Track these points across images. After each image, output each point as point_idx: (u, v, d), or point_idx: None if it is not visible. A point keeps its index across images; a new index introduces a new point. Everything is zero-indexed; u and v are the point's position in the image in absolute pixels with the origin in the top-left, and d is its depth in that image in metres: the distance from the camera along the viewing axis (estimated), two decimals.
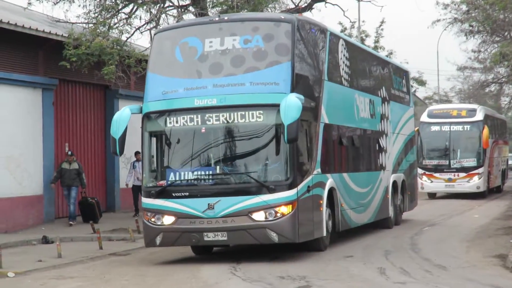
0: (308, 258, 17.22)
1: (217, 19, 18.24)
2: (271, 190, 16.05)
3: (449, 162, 38.29)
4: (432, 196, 40.27)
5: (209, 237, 16.26)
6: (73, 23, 28.15)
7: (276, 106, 15.88)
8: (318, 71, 18.53)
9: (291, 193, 16.19)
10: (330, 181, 18.64)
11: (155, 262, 17.38)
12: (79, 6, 28.82)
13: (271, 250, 17.47)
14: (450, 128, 38.33)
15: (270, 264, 16.25)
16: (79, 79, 27.07)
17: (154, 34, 18.85)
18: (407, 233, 23.35)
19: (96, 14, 27.53)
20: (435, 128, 38.82)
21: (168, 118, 16.90)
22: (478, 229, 24.62)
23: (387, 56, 47.40)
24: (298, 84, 16.76)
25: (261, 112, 16.29)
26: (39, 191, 25.34)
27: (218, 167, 16.72)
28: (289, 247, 17.29)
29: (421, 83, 52.29)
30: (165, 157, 17.28)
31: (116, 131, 16.71)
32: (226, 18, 18.53)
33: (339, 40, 20.40)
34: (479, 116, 38.72)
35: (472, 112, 39.14)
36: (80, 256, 18.38)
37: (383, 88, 24.45)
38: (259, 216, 16.10)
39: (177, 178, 16.74)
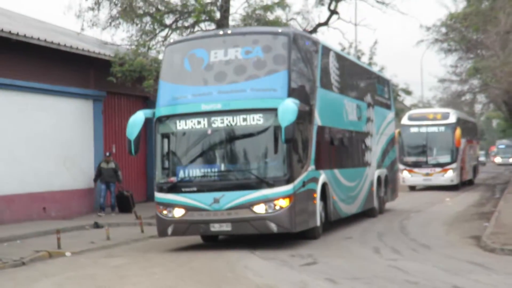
0: (314, 240, 17.18)
1: (221, 32, 17.84)
2: (270, 185, 15.58)
3: (427, 159, 37.92)
4: (413, 188, 39.76)
5: (215, 227, 15.78)
6: (118, 45, 28.24)
7: (274, 110, 15.40)
8: (312, 79, 17.93)
9: (288, 188, 15.66)
10: (322, 177, 18.02)
11: (185, 244, 17.30)
12: (123, 31, 28.86)
13: (281, 238, 17.01)
14: (427, 129, 38.02)
15: (282, 246, 16.17)
16: (123, 91, 27.09)
17: (166, 47, 18.27)
18: (396, 219, 23.31)
19: (138, 38, 27.55)
20: (414, 129, 38.46)
21: (177, 121, 16.31)
22: (456, 215, 24.55)
23: (379, 71, 47.40)
24: (294, 90, 16.22)
25: (261, 115, 15.78)
26: (90, 185, 25.40)
27: (222, 165, 16.22)
28: (287, 236, 16.68)
29: (408, 92, 52.04)
30: (175, 156, 16.63)
31: (131, 133, 16.27)
32: (229, 32, 18.17)
33: (329, 51, 19.80)
34: (452, 119, 38.38)
35: (446, 115, 38.88)
36: (125, 239, 18.39)
37: (368, 94, 23.88)
38: (259, 208, 15.57)
39: (186, 175, 16.21)
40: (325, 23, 32.25)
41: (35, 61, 23.81)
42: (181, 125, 16.24)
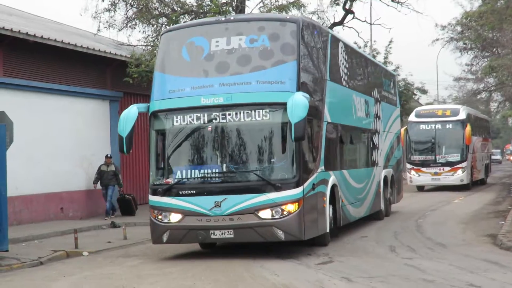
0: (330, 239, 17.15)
1: (223, 19, 15.88)
2: (277, 188, 13.87)
3: (435, 157, 35.93)
4: (421, 188, 37.88)
5: (216, 234, 14.10)
6: (134, 46, 28.35)
7: (283, 104, 13.80)
8: (321, 71, 16.26)
9: (297, 191, 13.99)
10: (332, 178, 16.41)
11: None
12: (139, 32, 29.06)
13: (287, 245, 15.31)
14: (435, 126, 36.10)
15: (298, 245, 16.01)
16: (139, 92, 27.11)
17: (161, 34, 16.21)
18: (413, 217, 23.23)
19: (153, 38, 27.64)
20: (422, 126, 36.52)
21: (174, 117, 14.63)
22: (472, 213, 24.46)
23: (394, 70, 47.35)
24: (303, 83, 14.61)
25: (267, 110, 14.09)
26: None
27: (224, 165, 14.38)
28: (293, 243, 15.31)
29: (423, 92, 51.95)
30: (172, 155, 14.93)
31: (123, 129, 14.56)
32: (232, 18, 16.40)
33: (339, 42, 18.17)
34: (462, 115, 36.54)
35: (456, 111, 37.05)
36: (142, 238, 18.40)
37: (376, 89, 22.31)
38: (265, 214, 13.91)
39: (184, 176, 14.47)
40: (340, 23, 32.28)
41: (52, 62, 23.94)
42: (179, 120, 14.63)
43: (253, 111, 14.17)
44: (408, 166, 36.45)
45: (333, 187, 16.48)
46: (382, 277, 12.28)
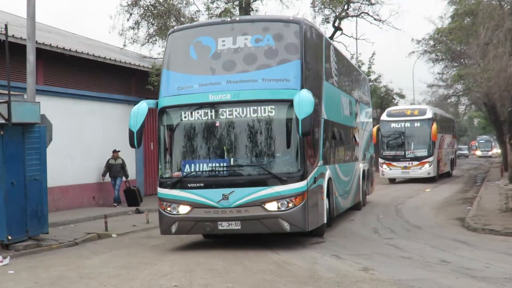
0: None
1: (229, 19, 14.39)
2: (283, 182, 12.61)
3: (405, 153, 34.68)
4: (392, 181, 36.23)
5: (223, 226, 12.87)
6: (155, 58, 28.33)
7: (288, 101, 12.65)
8: (319, 71, 15.19)
9: (302, 185, 12.75)
10: (328, 172, 15.39)
11: None
12: (159, 46, 29.08)
13: (281, 236, 14.12)
14: (405, 124, 34.79)
15: (297, 235, 15.51)
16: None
17: (169, 34, 14.58)
18: (393, 204, 23.23)
19: None
20: (392, 125, 35.12)
21: (183, 112, 13.30)
22: (443, 200, 24.45)
23: (376, 78, 47.34)
24: (306, 81, 13.23)
25: (273, 107, 12.85)
26: (132, 177, 25.45)
27: (232, 159, 13.08)
28: (294, 233, 13.92)
29: (402, 96, 51.89)
30: (181, 150, 13.49)
31: (134, 124, 13.30)
32: (237, 19, 14.68)
33: (330, 45, 17.04)
34: (429, 114, 35.24)
35: (423, 111, 35.77)
36: None
37: (356, 90, 21.28)
38: (271, 206, 12.67)
39: (193, 170, 13.13)
40: (330, 38, 32.21)
41: (84, 72, 24.01)
42: (187, 116, 13.31)
43: (259, 107, 12.95)
44: (380, 160, 35.43)
45: (329, 180, 15.50)
46: (367, 255, 12.28)
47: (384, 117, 36.55)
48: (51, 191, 19.05)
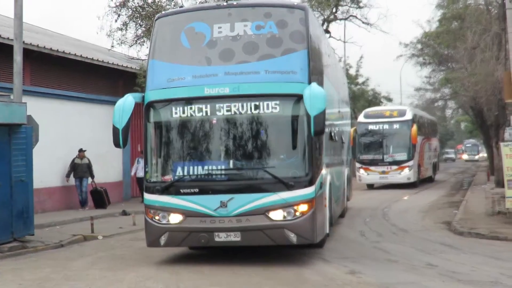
0: None
1: (225, 4, 12.47)
2: (290, 187, 10.86)
3: (383, 157, 31.93)
4: (371, 186, 33.40)
5: (221, 237, 11.10)
6: (143, 60, 28.27)
7: (295, 96, 11.00)
8: (321, 64, 13.14)
9: (310, 190, 11.01)
10: (329, 177, 13.86)
11: None
12: (147, 48, 28.89)
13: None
14: (383, 126, 32.12)
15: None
16: None
17: (156, 19, 12.45)
18: (380, 207, 23.26)
19: None
20: (370, 127, 32.49)
21: (174, 108, 11.46)
22: (430, 204, 24.51)
23: (364, 82, 47.49)
24: (313, 74, 11.48)
25: (278, 102, 11.07)
26: (119, 178, 25.43)
27: (231, 161, 11.29)
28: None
29: (389, 100, 52.01)
30: (172, 150, 11.70)
31: (119, 120, 11.40)
32: (234, 3, 12.42)
33: (325, 37, 15.24)
34: (409, 115, 32.57)
35: (403, 112, 33.12)
36: None
37: (341, 90, 19.25)
38: (276, 215, 10.90)
39: (186, 173, 11.33)
40: None
41: (72, 73, 23.94)
42: (178, 112, 11.47)
43: (262, 102, 11.16)
44: (357, 165, 32.89)
45: (330, 186, 14.00)
46: (354, 258, 12.29)
47: (361, 118, 34.04)
48: (37, 193, 18.92)
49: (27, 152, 14.82)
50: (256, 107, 11.19)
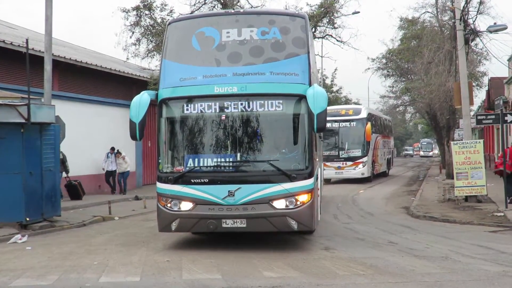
0: None
1: (232, 11, 12.19)
2: (292, 179, 10.34)
3: (339, 153, 29.19)
4: (328, 181, 29.42)
5: (228, 224, 10.54)
6: (153, 70, 28.21)
7: (296, 96, 10.53)
8: (315, 67, 13.12)
9: (310, 182, 10.50)
10: (319, 170, 13.55)
11: None
12: (157, 60, 28.86)
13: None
14: (339, 124, 29.26)
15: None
16: (156, 103, 26.95)
17: (168, 24, 11.81)
18: (350, 194, 23.31)
19: None
20: (327, 124, 30.72)
21: (186, 105, 10.84)
22: (392, 192, 24.61)
23: (338, 90, 47.49)
24: (311, 76, 11.09)
25: (281, 101, 10.56)
26: (133, 168, 25.35)
27: (238, 155, 10.68)
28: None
29: (358, 105, 52.08)
30: (184, 144, 10.99)
31: (136, 115, 10.86)
32: (241, 10, 12.36)
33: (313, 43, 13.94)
34: (363, 114, 30.08)
35: (358, 111, 30.68)
36: None
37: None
38: (279, 204, 10.38)
39: (197, 165, 10.67)
40: None
41: (93, 81, 23.85)
42: (190, 109, 10.87)
43: (266, 101, 10.63)
44: None
45: (320, 178, 13.78)
46: (328, 236, 12.33)
47: None
48: (64, 181, 18.88)
49: (55, 147, 14.79)
50: (261, 105, 10.64)
